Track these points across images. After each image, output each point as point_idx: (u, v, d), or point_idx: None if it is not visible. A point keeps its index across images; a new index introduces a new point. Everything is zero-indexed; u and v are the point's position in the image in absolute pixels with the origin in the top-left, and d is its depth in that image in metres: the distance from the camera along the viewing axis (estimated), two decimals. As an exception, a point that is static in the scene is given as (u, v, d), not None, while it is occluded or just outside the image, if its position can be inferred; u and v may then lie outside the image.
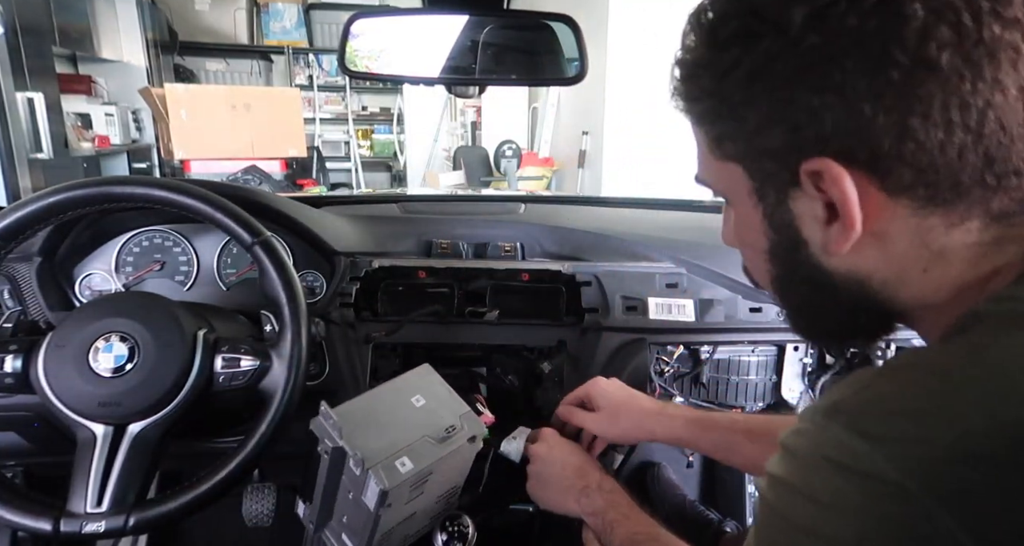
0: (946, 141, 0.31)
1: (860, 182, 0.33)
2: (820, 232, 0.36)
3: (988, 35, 0.30)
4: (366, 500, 0.61)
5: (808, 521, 0.30)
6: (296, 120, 3.65)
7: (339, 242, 0.92)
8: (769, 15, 0.33)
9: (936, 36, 0.30)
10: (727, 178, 0.40)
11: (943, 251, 0.34)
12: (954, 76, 0.30)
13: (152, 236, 0.90)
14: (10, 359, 0.62)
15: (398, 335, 0.90)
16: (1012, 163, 0.31)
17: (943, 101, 0.30)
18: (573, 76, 0.77)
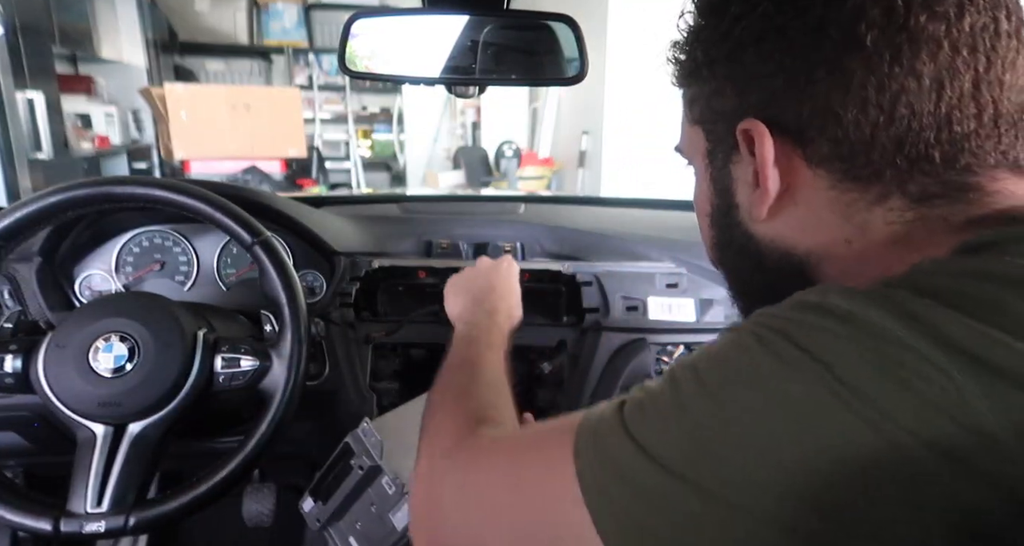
0: (861, 118, 0.33)
1: (785, 149, 0.36)
2: (749, 196, 0.39)
3: (914, 24, 0.32)
4: (394, 519, 0.61)
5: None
6: (296, 120, 3.65)
7: (339, 242, 0.92)
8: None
9: (867, 17, 0.32)
10: (692, 141, 0.44)
11: (865, 226, 0.35)
12: (876, 57, 0.32)
13: (152, 236, 0.90)
14: (10, 359, 0.62)
15: (398, 335, 0.90)
16: (922, 149, 0.33)
17: (862, 79, 0.33)
18: (573, 76, 0.77)
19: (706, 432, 0.28)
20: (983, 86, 0.32)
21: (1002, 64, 0.33)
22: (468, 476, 0.40)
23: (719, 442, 0.28)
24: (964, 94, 0.32)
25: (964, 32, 0.32)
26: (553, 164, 4.41)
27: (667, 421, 0.30)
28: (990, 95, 0.32)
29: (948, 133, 0.33)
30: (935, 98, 0.32)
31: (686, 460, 0.28)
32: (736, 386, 0.29)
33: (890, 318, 0.27)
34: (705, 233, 0.46)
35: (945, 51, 0.32)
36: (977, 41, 0.32)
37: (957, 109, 0.32)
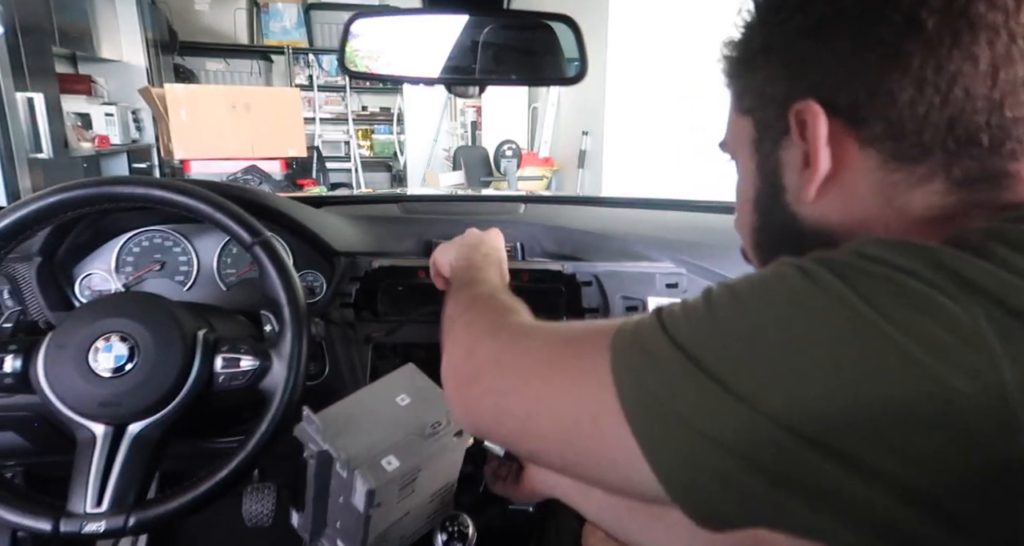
0: (917, 98, 0.34)
1: (837, 129, 0.37)
2: (797, 179, 0.40)
3: (973, 11, 0.33)
4: (355, 502, 0.61)
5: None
6: (296, 120, 3.64)
7: (339, 242, 0.92)
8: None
9: (928, 4, 0.34)
10: (739, 132, 0.45)
11: (905, 209, 0.36)
12: (935, 40, 0.33)
13: (152, 236, 0.90)
14: (10, 359, 0.62)
15: (398, 335, 0.90)
16: (972, 131, 0.34)
17: (922, 60, 0.34)
18: (573, 76, 0.77)
19: (738, 340, 0.31)
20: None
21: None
22: (507, 350, 0.44)
23: (748, 352, 0.30)
24: (1018, 81, 0.34)
25: (1021, 23, 0.33)
26: (553, 164, 4.41)
27: (702, 325, 0.32)
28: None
29: (999, 117, 0.34)
30: (990, 82, 0.33)
31: (716, 359, 0.30)
32: (773, 304, 0.31)
33: (919, 262, 0.28)
34: (745, 219, 0.47)
35: (1003, 39, 0.33)
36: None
37: (1010, 95, 0.34)
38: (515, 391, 0.41)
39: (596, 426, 0.35)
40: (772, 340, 0.30)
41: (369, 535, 0.64)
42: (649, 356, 0.33)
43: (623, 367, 0.34)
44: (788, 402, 0.28)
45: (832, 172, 0.38)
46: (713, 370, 0.30)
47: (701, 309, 0.33)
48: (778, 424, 0.28)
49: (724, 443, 0.29)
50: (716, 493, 0.30)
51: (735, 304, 0.32)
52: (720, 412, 0.29)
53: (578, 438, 0.36)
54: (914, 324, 0.27)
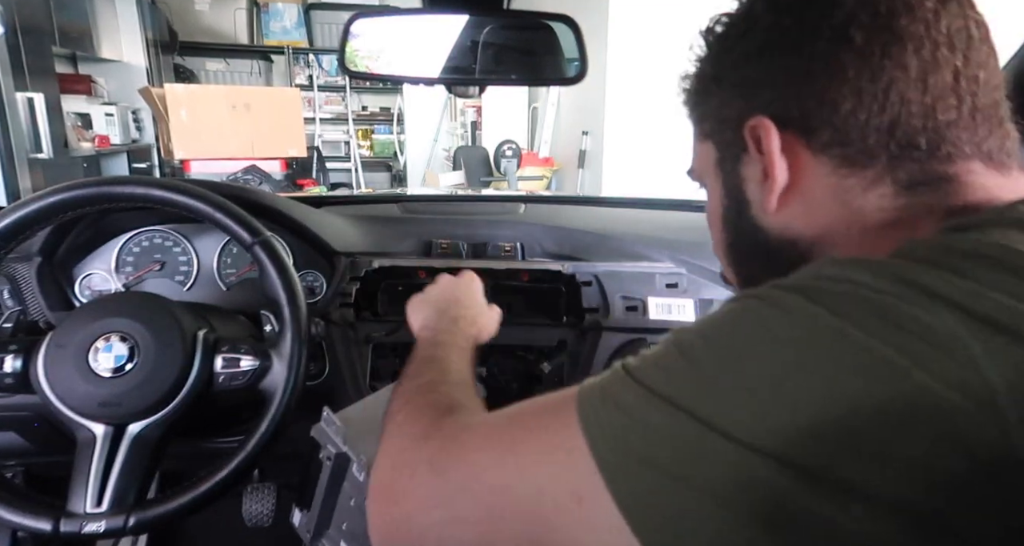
0: (857, 106, 0.37)
1: (789, 140, 0.40)
2: (759, 192, 0.42)
3: (897, 24, 0.36)
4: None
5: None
6: (296, 120, 3.64)
7: (339, 242, 0.92)
8: (744, 9, 0.43)
9: (856, 20, 0.37)
10: (704, 157, 0.47)
11: (861, 210, 0.38)
12: (866, 51, 0.37)
13: (152, 236, 0.90)
14: (10, 359, 0.62)
15: (398, 335, 0.90)
16: (911, 135, 0.37)
17: (856, 71, 0.37)
18: (573, 76, 0.77)
19: (716, 377, 0.30)
20: (962, 80, 0.37)
21: (976, 62, 0.37)
22: (442, 452, 0.39)
23: (729, 385, 0.29)
24: (946, 86, 0.36)
25: (942, 32, 0.36)
26: (553, 164, 4.41)
27: (675, 369, 0.31)
28: (968, 89, 0.37)
29: (933, 121, 0.36)
30: (922, 87, 0.36)
31: (695, 398, 0.29)
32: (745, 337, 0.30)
33: (881, 277, 0.29)
34: (718, 238, 0.49)
35: (927, 47, 0.36)
36: (954, 40, 0.37)
37: (941, 99, 0.36)
38: (465, 491, 0.36)
39: (581, 506, 0.31)
40: (753, 373, 0.29)
41: None
42: (622, 410, 0.31)
43: (595, 430, 0.31)
44: (782, 433, 0.27)
45: (790, 181, 0.40)
46: (699, 414, 0.29)
47: (673, 354, 0.32)
48: (776, 459, 0.26)
49: (718, 494, 0.27)
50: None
51: (707, 345, 0.31)
52: (712, 456, 0.28)
53: (559, 527, 0.32)
54: (892, 335, 0.27)
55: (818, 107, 0.38)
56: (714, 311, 0.34)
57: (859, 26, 0.37)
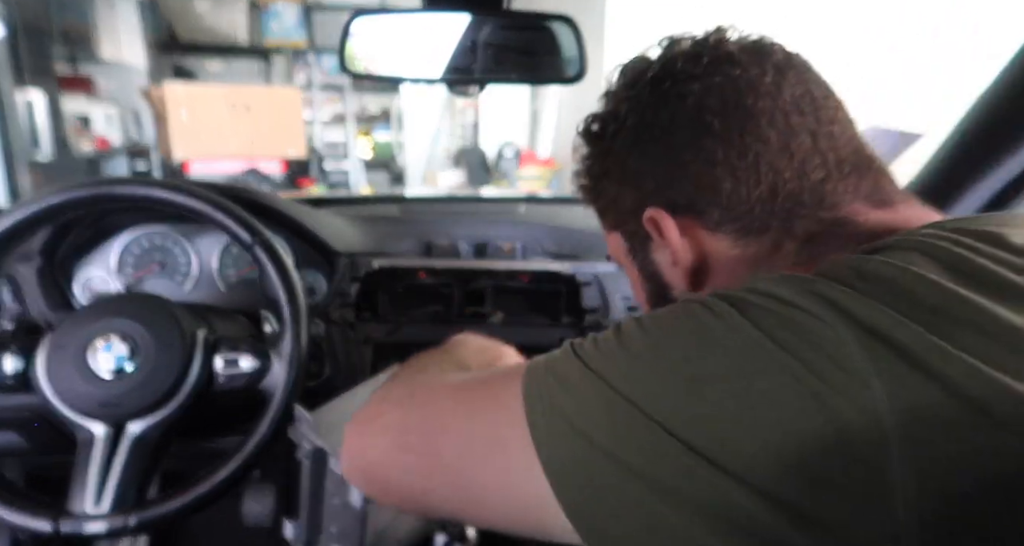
0: (736, 183, 0.40)
1: (685, 224, 0.43)
2: (673, 273, 0.45)
3: (745, 104, 0.40)
4: (352, 500, 0.61)
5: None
6: (296, 120, 3.65)
7: (339, 242, 0.92)
8: (611, 109, 0.47)
9: (708, 108, 0.41)
10: (615, 246, 0.51)
11: (773, 269, 0.40)
12: (726, 134, 0.40)
13: (152, 236, 0.90)
14: (10, 359, 0.62)
15: (398, 335, 0.90)
16: (793, 196, 0.40)
17: (724, 153, 0.40)
18: (572, 76, 0.77)
19: (644, 364, 0.32)
20: (820, 139, 0.40)
21: (827, 120, 0.41)
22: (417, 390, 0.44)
23: (654, 373, 0.32)
24: (808, 148, 0.40)
25: (787, 101, 0.40)
26: (553, 164, 4.41)
27: (611, 351, 0.34)
28: (828, 145, 0.40)
29: (807, 180, 0.40)
30: (787, 154, 0.40)
31: (623, 379, 0.32)
32: (679, 334, 0.33)
33: (799, 293, 0.31)
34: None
35: (779, 118, 0.40)
36: (801, 105, 0.40)
37: (807, 160, 0.40)
38: (418, 424, 0.41)
39: (501, 457, 0.35)
40: (679, 367, 0.31)
41: (366, 535, 0.64)
42: (562, 381, 0.34)
43: (535, 391, 0.35)
44: (696, 425, 0.29)
45: (698, 260, 0.43)
46: (625, 393, 0.31)
47: (612, 340, 0.35)
48: (685, 444, 0.29)
49: (636, 468, 0.30)
50: (627, 520, 0.30)
51: (643, 335, 0.34)
52: (630, 433, 0.31)
53: (482, 468, 0.36)
54: (801, 350, 0.29)
55: (701, 191, 0.41)
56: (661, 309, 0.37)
57: (712, 112, 0.40)
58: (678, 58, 0.43)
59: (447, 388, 0.43)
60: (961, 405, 0.26)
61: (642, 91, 0.44)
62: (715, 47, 0.43)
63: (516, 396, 0.35)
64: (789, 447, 0.27)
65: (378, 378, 0.72)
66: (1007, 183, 0.76)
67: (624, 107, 0.45)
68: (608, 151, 0.47)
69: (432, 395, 0.43)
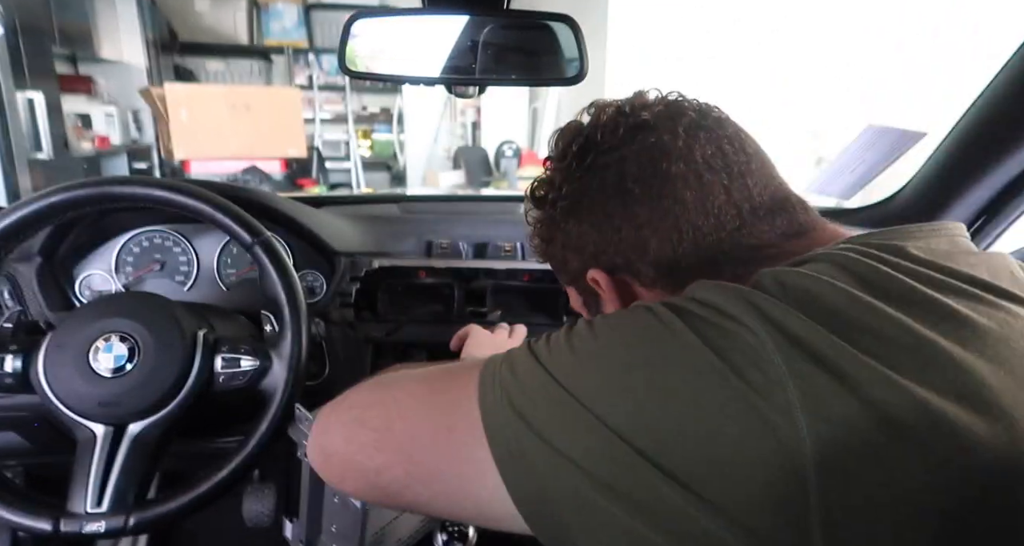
0: (661, 243, 0.44)
1: (622, 282, 0.47)
2: None
3: (662, 170, 0.43)
4: (352, 499, 0.61)
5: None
6: (296, 120, 3.65)
7: (339, 242, 0.92)
8: (549, 177, 0.50)
9: (629, 175, 0.44)
10: (574, 299, 0.54)
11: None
12: (646, 198, 0.44)
13: (152, 236, 0.90)
14: (10, 359, 0.62)
15: (398, 335, 0.90)
16: (715, 248, 0.43)
17: (647, 216, 0.44)
18: (573, 76, 0.77)
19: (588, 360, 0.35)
20: (733, 192, 0.43)
21: (740, 173, 0.44)
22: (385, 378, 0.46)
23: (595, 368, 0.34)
24: (722, 203, 0.43)
25: (699, 162, 0.43)
26: (553, 164, 4.41)
27: (558, 347, 0.37)
28: (742, 196, 0.43)
29: (725, 232, 0.43)
30: (703, 211, 0.43)
31: (566, 373, 0.34)
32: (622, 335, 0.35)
33: (731, 301, 0.33)
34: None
35: (692, 178, 0.43)
36: (713, 163, 0.43)
37: (722, 213, 0.43)
38: (377, 403, 0.43)
39: (451, 436, 0.37)
40: (619, 364, 0.33)
41: (367, 533, 0.64)
42: (514, 372, 0.37)
43: (488, 382, 0.37)
44: (630, 420, 0.31)
45: None
46: (568, 388, 0.33)
47: (562, 338, 0.37)
48: (622, 439, 0.31)
49: (574, 459, 0.32)
50: (566, 508, 0.32)
51: (590, 335, 0.36)
52: (573, 426, 0.32)
53: (431, 451, 0.38)
54: (731, 355, 0.30)
55: (633, 252, 0.45)
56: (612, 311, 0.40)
57: (633, 179, 0.44)
58: (599, 129, 0.47)
59: (413, 374, 0.44)
60: (869, 411, 0.28)
61: (571, 162, 0.47)
62: (632, 114, 0.46)
63: (472, 381, 0.38)
64: (716, 446, 0.29)
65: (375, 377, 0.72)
66: (1006, 183, 0.76)
67: (558, 177, 0.49)
68: (552, 218, 0.50)
69: (398, 380, 0.44)
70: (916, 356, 0.30)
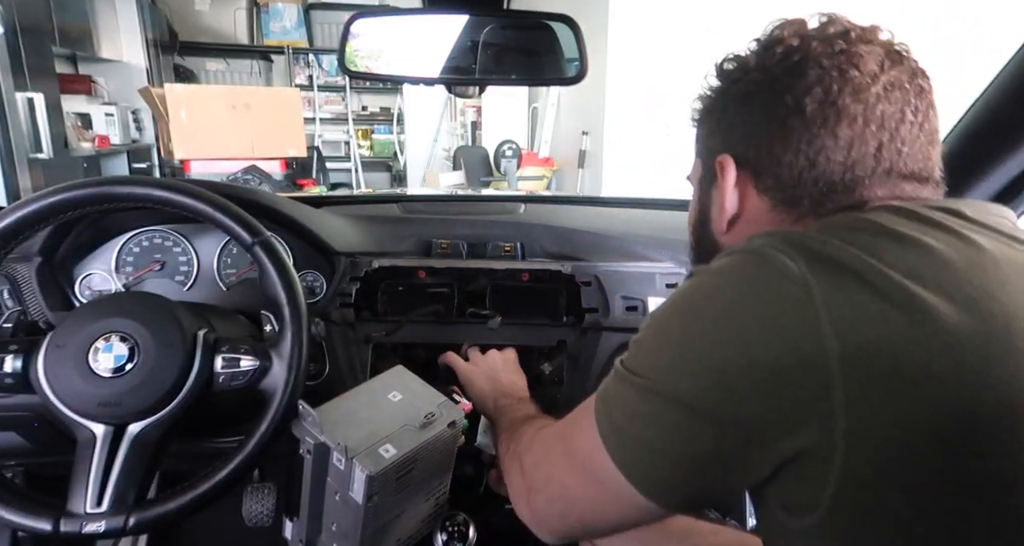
0: (794, 162, 0.47)
1: (742, 178, 0.51)
2: (717, 214, 0.54)
3: (842, 102, 0.46)
4: (353, 494, 0.61)
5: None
6: (296, 120, 3.65)
7: (339, 242, 0.92)
8: (744, 58, 0.52)
9: (811, 94, 0.46)
10: (695, 170, 0.58)
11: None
12: (811, 121, 0.46)
13: (152, 236, 0.90)
14: (10, 359, 0.62)
15: (398, 335, 0.90)
16: (832, 185, 0.47)
17: (799, 135, 0.47)
18: (573, 76, 0.77)
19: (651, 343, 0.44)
20: (884, 151, 0.46)
21: (901, 141, 0.46)
22: (534, 453, 0.57)
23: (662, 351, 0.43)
24: (867, 154, 0.46)
25: (876, 115, 0.46)
26: (553, 164, 4.41)
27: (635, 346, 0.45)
28: (888, 158, 0.46)
29: (851, 175, 0.46)
30: (846, 153, 0.46)
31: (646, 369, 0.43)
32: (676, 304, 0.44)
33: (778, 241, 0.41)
34: (690, 239, 0.61)
35: (859, 124, 0.46)
36: (886, 123, 0.46)
37: (859, 163, 0.46)
38: (550, 477, 0.52)
39: (591, 466, 0.46)
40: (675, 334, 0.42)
41: (367, 530, 0.64)
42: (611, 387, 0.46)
43: (601, 407, 0.46)
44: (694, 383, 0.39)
45: (739, 212, 0.51)
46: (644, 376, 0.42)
47: (636, 338, 0.45)
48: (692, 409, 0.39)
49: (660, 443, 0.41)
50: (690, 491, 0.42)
51: (651, 320, 0.44)
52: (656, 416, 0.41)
53: (587, 487, 0.47)
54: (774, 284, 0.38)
55: (767, 157, 0.48)
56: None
57: (812, 98, 0.46)
58: (817, 38, 0.48)
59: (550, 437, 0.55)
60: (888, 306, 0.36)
61: (776, 58, 0.48)
62: (853, 42, 0.47)
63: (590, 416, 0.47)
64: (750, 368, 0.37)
65: (380, 378, 0.73)
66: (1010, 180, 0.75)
67: (754, 62, 0.50)
68: (726, 91, 0.52)
69: (541, 450, 0.56)
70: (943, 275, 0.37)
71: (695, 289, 0.42)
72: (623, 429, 0.43)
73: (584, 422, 0.47)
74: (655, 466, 0.41)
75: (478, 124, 4.99)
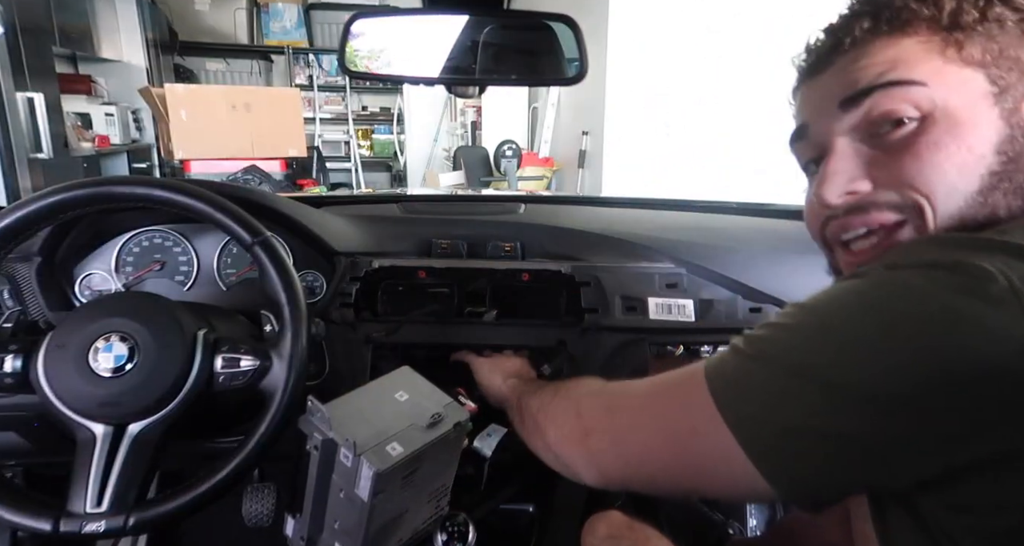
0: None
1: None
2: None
3: None
4: (359, 491, 0.61)
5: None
6: (296, 120, 3.65)
7: (339, 242, 0.92)
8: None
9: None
10: (953, 83, 0.45)
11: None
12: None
13: (152, 236, 0.90)
14: (10, 359, 0.62)
15: (398, 335, 0.90)
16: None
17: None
18: (573, 76, 0.77)
19: (815, 336, 0.39)
20: None
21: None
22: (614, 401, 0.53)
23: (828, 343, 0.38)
24: None
25: None
26: (553, 164, 4.41)
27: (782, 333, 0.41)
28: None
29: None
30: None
31: (802, 358, 0.39)
32: (843, 305, 0.39)
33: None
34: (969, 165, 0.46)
35: None
36: None
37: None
38: (630, 428, 0.49)
39: (696, 436, 0.43)
40: (844, 331, 0.37)
41: (370, 527, 0.64)
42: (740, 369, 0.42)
43: (719, 381, 0.43)
44: (863, 375, 0.35)
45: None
46: (798, 368, 0.38)
47: (781, 324, 0.41)
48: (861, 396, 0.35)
49: (816, 428, 0.36)
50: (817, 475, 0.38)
51: (805, 313, 0.40)
52: (812, 401, 0.37)
53: (685, 452, 0.44)
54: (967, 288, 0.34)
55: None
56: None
57: None
58: None
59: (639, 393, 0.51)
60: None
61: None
62: None
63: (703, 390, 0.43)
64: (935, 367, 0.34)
65: (387, 378, 0.73)
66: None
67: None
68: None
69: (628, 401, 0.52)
70: None
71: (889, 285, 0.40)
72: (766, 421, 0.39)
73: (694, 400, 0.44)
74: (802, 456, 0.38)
75: (478, 124, 4.99)
